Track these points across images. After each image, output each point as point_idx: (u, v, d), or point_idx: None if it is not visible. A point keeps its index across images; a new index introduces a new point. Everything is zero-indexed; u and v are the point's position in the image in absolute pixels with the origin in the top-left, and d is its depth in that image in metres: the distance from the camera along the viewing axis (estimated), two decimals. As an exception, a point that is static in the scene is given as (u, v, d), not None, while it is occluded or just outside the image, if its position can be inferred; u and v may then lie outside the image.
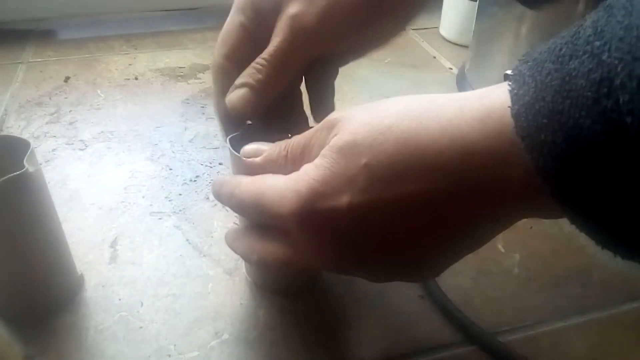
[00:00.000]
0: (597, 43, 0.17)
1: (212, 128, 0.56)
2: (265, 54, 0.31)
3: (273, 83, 0.31)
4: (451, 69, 0.70)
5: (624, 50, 0.16)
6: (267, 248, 0.28)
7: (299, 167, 0.26)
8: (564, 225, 0.42)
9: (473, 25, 0.63)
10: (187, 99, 0.61)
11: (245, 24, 0.32)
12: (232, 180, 0.30)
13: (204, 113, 0.59)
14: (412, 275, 0.28)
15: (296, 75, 0.33)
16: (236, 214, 0.34)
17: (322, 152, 0.25)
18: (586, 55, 0.18)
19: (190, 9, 0.84)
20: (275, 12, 0.32)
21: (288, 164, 0.27)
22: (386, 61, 0.71)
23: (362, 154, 0.23)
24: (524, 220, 0.24)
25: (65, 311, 0.35)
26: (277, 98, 0.32)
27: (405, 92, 0.63)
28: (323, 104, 0.35)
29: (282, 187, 0.26)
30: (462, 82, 0.64)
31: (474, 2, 0.65)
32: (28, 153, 0.31)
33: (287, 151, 0.28)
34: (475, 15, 0.62)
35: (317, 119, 0.34)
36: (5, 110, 0.58)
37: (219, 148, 0.52)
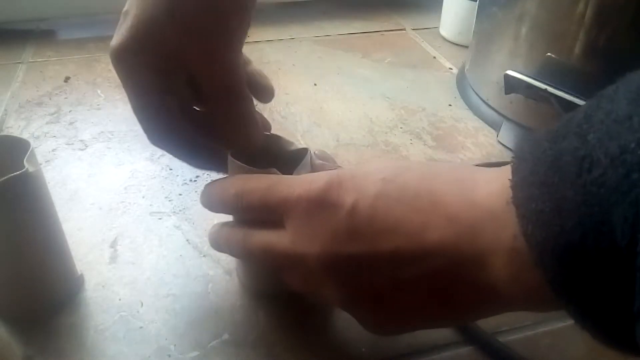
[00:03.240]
0: (585, 126, 0.19)
1: (212, 128, 0.56)
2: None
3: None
4: (451, 69, 0.70)
5: (602, 131, 0.18)
6: (256, 232, 0.30)
7: None
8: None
9: (473, 25, 0.63)
10: (187, 99, 0.61)
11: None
12: (232, 178, 0.32)
13: (204, 113, 0.59)
14: (366, 318, 0.28)
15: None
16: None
17: None
18: (575, 136, 0.19)
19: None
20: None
21: None
22: (386, 61, 0.71)
23: (383, 173, 0.26)
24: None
25: (65, 311, 0.35)
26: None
27: (405, 92, 0.64)
28: (259, 83, 0.36)
29: (301, 177, 0.29)
30: (462, 82, 0.64)
31: (474, 2, 0.65)
32: (28, 153, 0.31)
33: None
34: (475, 15, 0.62)
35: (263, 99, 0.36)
36: (5, 110, 0.58)
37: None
